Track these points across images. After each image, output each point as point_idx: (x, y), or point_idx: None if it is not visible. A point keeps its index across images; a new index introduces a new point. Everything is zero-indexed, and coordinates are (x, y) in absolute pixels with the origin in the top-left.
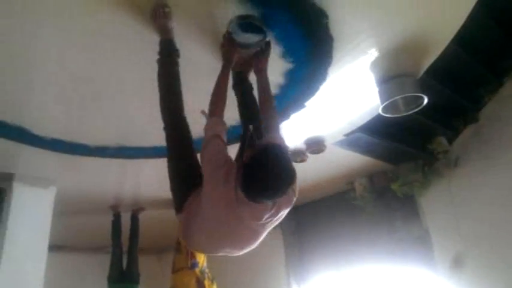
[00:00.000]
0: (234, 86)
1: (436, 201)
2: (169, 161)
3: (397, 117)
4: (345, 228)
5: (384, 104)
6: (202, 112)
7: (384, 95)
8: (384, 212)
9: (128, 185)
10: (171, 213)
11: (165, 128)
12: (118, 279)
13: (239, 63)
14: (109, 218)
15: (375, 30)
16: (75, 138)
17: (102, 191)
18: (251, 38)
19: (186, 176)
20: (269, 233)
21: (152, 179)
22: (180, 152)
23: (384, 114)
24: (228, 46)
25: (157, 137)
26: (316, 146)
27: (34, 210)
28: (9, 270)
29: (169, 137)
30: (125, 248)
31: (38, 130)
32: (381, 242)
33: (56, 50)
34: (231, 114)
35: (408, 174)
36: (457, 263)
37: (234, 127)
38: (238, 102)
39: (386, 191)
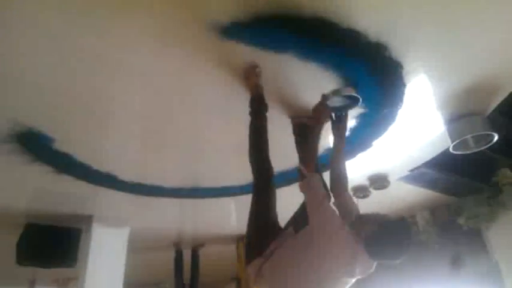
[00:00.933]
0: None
1: (504, 234)
2: (253, 206)
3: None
4: (407, 264)
5: (454, 143)
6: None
7: (454, 133)
8: (448, 246)
9: (189, 223)
10: (228, 249)
11: (254, 173)
12: None
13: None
14: (172, 255)
15: (447, 76)
16: (153, 181)
17: (167, 228)
18: (342, 101)
19: (270, 222)
20: None
21: (212, 217)
22: (266, 197)
23: (454, 152)
24: (321, 111)
25: (225, 177)
26: (379, 182)
27: (111, 248)
28: None
29: (256, 181)
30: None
31: (122, 175)
32: (445, 277)
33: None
34: None
35: (473, 207)
36: None
37: None
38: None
39: (450, 224)
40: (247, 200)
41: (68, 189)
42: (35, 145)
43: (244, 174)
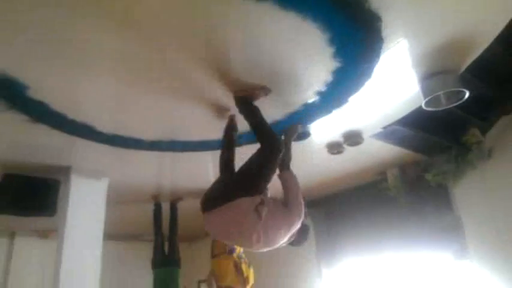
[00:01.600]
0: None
1: (469, 192)
2: (259, 163)
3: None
4: (375, 217)
5: (426, 99)
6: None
7: (427, 90)
8: (415, 201)
9: (168, 177)
10: None
11: (267, 147)
12: (161, 264)
13: None
14: (150, 208)
15: (423, 33)
16: (132, 134)
17: (146, 181)
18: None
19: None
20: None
21: (190, 171)
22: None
23: (426, 109)
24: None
25: (202, 132)
26: (353, 138)
27: (90, 199)
28: (71, 254)
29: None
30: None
31: (100, 127)
32: (412, 230)
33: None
34: None
35: (441, 165)
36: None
37: None
38: None
39: (418, 181)
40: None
41: (44, 140)
42: (8, 92)
43: (221, 128)
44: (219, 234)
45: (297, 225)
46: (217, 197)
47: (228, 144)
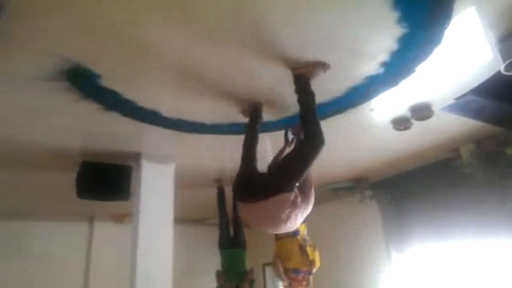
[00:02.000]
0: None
1: None
2: (302, 158)
3: None
4: (447, 199)
5: (506, 63)
6: None
7: (506, 52)
8: (493, 180)
9: (229, 160)
10: None
11: (313, 139)
12: (228, 245)
13: None
14: (214, 192)
15: None
16: (194, 118)
17: (209, 165)
18: None
19: None
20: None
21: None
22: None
23: (506, 73)
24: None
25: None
26: (422, 112)
27: (160, 184)
28: (146, 236)
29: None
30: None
31: (165, 112)
32: (489, 213)
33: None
34: None
35: None
36: None
37: None
38: None
39: (497, 157)
40: (281, 135)
41: (116, 127)
42: (82, 82)
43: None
44: (253, 223)
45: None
46: (256, 190)
47: (254, 131)
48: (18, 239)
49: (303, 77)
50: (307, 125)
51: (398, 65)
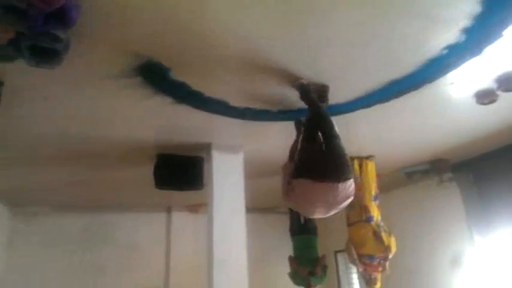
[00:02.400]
0: None
1: None
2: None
3: None
4: None
5: None
6: None
7: None
8: None
9: None
10: None
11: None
12: (298, 232)
13: None
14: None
15: None
16: (261, 105)
17: (276, 154)
18: None
19: None
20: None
21: None
22: None
23: None
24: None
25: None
26: (510, 82)
27: (230, 173)
28: (220, 224)
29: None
30: None
31: (233, 101)
32: None
33: None
34: None
35: None
36: None
37: None
38: None
39: None
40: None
41: (187, 119)
42: (153, 76)
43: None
44: (311, 205)
45: None
46: (329, 171)
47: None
48: (106, 229)
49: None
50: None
51: (482, 31)
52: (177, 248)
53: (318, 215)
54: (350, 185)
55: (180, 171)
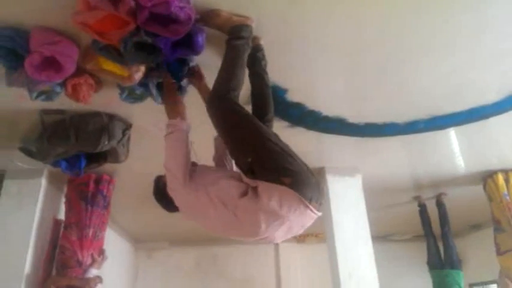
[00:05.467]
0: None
1: None
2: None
3: None
4: None
5: None
6: None
7: None
8: None
9: (424, 166)
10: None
11: None
12: (437, 265)
13: None
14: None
15: None
16: (384, 119)
17: (400, 174)
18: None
19: None
20: None
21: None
22: None
23: None
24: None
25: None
26: None
27: (348, 198)
28: (345, 254)
29: None
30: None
31: (351, 118)
32: None
33: None
34: None
35: None
36: None
37: None
38: None
39: None
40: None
41: (300, 143)
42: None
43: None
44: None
45: None
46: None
47: None
48: (216, 263)
49: None
50: None
51: None
52: (287, 279)
53: (241, 237)
54: None
55: None
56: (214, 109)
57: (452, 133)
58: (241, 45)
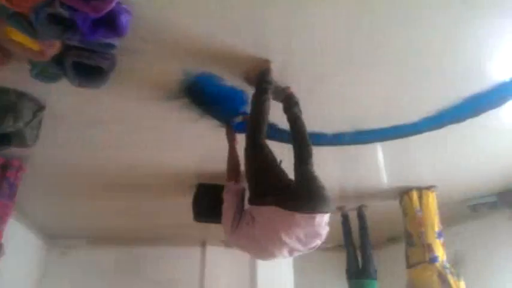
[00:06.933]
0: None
1: None
2: None
3: None
4: None
5: None
6: None
7: None
8: None
9: (353, 180)
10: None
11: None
12: (355, 275)
13: None
14: (338, 217)
15: None
16: (312, 128)
17: (328, 185)
18: None
19: None
20: None
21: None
22: None
23: None
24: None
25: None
26: None
27: None
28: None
29: None
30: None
31: (282, 123)
32: None
33: None
34: None
35: None
36: None
37: None
38: None
39: None
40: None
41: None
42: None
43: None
44: (262, 244)
45: None
46: (306, 194)
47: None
48: (138, 263)
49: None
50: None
51: None
52: (211, 284)
53: (271, 257)
54: (327, 220)
55: (220, 203)
56: None
57: (379, 148)
58: None
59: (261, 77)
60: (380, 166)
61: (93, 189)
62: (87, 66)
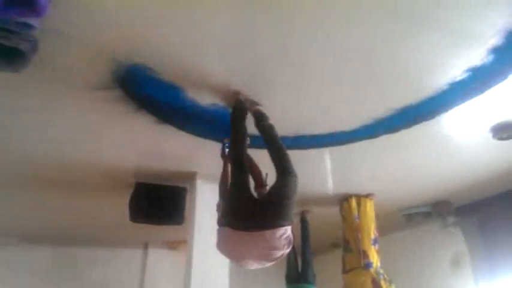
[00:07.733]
0: None
1: None
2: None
3: None
4: None
5: None
6: None
7: None
8: None
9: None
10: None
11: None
12: (294, 280)
13: None
14: None
15: None
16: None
17: None
18: None
19: None
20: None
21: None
22: None
23: None
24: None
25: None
26: None
27: (215, 207)
28: (200, 262)
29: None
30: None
31: None
32: None
33: None
34: None
35: None
36: None
37: None
38: None
39: None
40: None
41: (171, 143)
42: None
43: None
44: (241, 256)
45: None
46: (258, 217)
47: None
48: (75, 265)
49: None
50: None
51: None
52: (150, 284)
53: (250, 267)
54: (283, 233)
55: (158, 203)
56: None
57: (327, 154)
58: None
59: (237, 105)
60: (326, 172)
61: (20, 185)
62: (6, 48)
